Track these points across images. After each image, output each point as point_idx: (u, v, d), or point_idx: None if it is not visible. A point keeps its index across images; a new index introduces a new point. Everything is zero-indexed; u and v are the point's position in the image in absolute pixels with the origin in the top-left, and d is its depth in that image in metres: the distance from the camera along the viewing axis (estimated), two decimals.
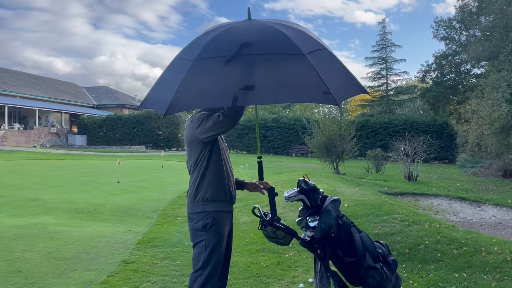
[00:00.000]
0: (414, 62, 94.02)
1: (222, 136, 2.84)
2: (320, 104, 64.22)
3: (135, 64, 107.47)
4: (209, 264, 2.63)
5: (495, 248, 4.70)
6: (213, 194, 2.69)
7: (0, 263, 4.48)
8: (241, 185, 3.02)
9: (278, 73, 2.17)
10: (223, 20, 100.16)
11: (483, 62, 29.81)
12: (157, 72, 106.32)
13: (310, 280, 4.16)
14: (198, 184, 2.70)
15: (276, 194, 2.85)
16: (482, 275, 4.21)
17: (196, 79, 2.19)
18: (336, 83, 2.29)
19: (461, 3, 34.04)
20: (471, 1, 33.26)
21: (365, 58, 46.82)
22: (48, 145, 34.37)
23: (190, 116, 2.82)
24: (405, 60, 50.86)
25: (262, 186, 2.94)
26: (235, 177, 2.97)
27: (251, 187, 3.00)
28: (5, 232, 5.80)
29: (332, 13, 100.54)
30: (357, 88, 2.50)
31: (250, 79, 2.11)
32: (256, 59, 2.17)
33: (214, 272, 2.65)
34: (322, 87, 2.15)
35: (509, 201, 9.85)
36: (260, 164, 2.86)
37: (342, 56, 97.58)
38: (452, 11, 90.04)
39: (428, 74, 38.51)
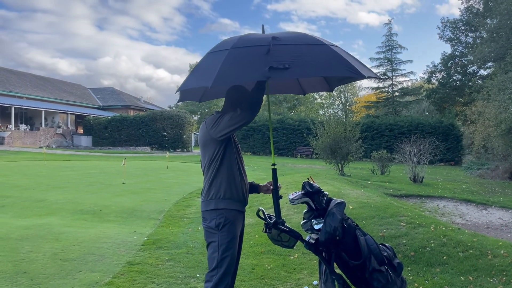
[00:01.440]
0: (418, 63, 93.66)
1: (235, 139, 2.92)
2: (325, 106, 64.21)
3: (139, 65, 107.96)
4: (223, 263, 2.70)
5: (502, 251, 4.66)
6: (226, 192, 2.76)
7: (6, 264, 4.51)
8: (255, 188, 3.09)
9: (307, 55, 2.44)
10: (227, 21, 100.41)
11: (489, 64, 29.63)
12: (161, 73, 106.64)
13: (315, 282, 4.14)
14: (212, 182, 2.78)
15: (280, 197, 2.86)
16: (488, 279, 4.18)
17: (235, 59, 2.46)
18: (357, 64, 2.55)
19: (466, 5, 33.89)
20: (475, 3, 33.09)
21: (370, 58, 46.78)
22: (54, 146, 34.56)
23: (204, 120, 2.92)
24: (411, 61, 50.85)
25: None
26: (249, 181, 3.06)
27: (264, 189, 3.07)
28: (11, 233, 5.84)
29: (335, 14, 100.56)
30: (372, 72, 2.74)
31: (284, 60, 2.34)
32: (287, 47, 2.46)
33: (228, 271, 2.72)
34: (347, 63, 2.45)
35: None
36: (274, 171, 2.91)
37: None
38: (455, 12, 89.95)
39: (434, 75, 38.35)
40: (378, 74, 38.88)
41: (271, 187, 2.97)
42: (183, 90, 2.88)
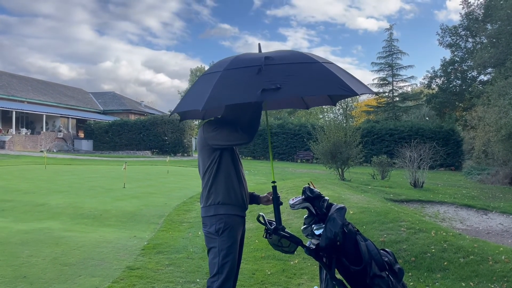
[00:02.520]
0: (417, 68, 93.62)
1: None
2: (325, 110, 64.26)
3: (139, 70, 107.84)
4: (224, 269, 2.71)
5: (503, 257, 4.65)
6: (225, 198, 2.76)
7: (6, 268, 4.50)
8: (256, 199, 3.09)
9: (299, 74, 2.45)
10: (226, 26, 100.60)
11: (489, 69, 29.68)
12: (161, 78, 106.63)
13: None
14: (210, 187, 2.79)
15: (281, 203, 2.87)
16: (489, 284, 4.17)
17: (228, 81, 2.47)
18: (350, 81, 2.55)
19: (466, 10, 34.00)
20: (476, 8, 33.21)
21: (371, 63, 46.81)
22: (54, 150, 34.57)
23: (202, 124, 2.93)
24: (412, 66, 51.13)
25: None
26: (250, 192, 3.07)
27: (264, 200, 3.08)
28: (11, 237, 5.83)
29: (334, 20, 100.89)
30: (366, 89, 2.74)
31: (276, 80, 2.34)
32: (279, 66, 2.46)
33: (229, 276, 2.72)
34: (340, 81, 2.44)
35: None
36: (274, 189, 2.91)
37: (346, 63, 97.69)
38: (453, 17, 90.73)
39: (434, 81, 38.40)
40: (377, 80, 38.38)
41: (271, 197, 2.97)
42: (182, 111, 2.89)
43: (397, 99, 44.99)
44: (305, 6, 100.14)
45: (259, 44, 2.77)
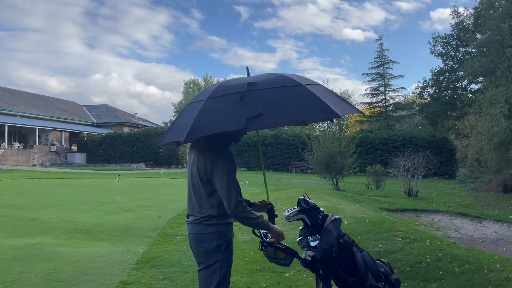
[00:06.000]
0: (405, 78, 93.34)
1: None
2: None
3: (130, 82, 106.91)
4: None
5: (497, 266, 4.65)
6: (226, 215, 2.71)
7: None
8: (251, 206, 3.01)
9: (281, 98, 2.42)
10: (214, 38, 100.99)
11: (480, 78, 30.01)
12: (152, 90, 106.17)
13: None
14: (218, 207, 2.70)
15: (276, 216, 2.85)
16: None
17: (211, 110, 2.44)
18: (334, 103, 2.52)
19: (456, 20, 34.47)
20: (466, 19, 33.68)
21: (362, 74, 47.26)
22: (47, 164, 34.31)
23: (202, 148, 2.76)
24: (403, 76, 51.64)
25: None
26: (246, 199, 2.98)
27: (257, 209, 3.03)
28: (3, 253, 5.75)
29: (321, 31, 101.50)
30: (353, 108, 2.76)
31: (259, 107, 2.31)
32: (262, 92, 2.45)
33: None
34: (322, 104, 2.41)
35: (510, 216, 9.81)
36: (271, 212, 2.89)
37: (335, 73, 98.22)
38: (438, 27, 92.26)
39: (426, 90, 38.72)
40: (369, 90, 38.19)
41: (268, 206, 2.94)
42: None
43: (390, 108, 45.29)
44: (292, 18, 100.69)
45: (247, 68, 2.73)
